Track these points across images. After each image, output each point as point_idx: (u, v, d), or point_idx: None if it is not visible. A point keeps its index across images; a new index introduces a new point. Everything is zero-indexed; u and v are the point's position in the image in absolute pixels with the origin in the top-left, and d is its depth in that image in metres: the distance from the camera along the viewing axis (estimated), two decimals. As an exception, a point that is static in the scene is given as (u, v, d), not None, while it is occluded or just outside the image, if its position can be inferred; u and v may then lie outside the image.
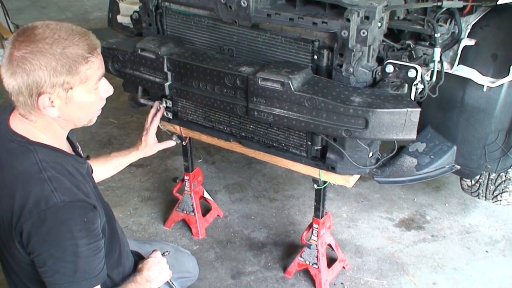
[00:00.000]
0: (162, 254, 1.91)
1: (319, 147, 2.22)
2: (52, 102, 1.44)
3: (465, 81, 2.28)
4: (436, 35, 2.15)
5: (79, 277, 1.47)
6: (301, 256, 2.66)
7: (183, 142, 2.78)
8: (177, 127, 2.65)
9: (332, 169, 2.22)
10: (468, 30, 2.29)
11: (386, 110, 1.87)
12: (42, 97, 1.43)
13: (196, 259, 2.34)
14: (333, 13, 2.03)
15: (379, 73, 2.11)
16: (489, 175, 2.74)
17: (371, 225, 3.16)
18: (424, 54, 2.25)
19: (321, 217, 2.55)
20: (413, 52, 2.26)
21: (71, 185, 1.47)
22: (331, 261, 2.73)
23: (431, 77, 2.22)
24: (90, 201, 1.49)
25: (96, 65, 1.48)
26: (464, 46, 2.27)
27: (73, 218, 1.43)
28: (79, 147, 1.75)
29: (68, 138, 1.65)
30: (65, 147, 1.62)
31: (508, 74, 2.15)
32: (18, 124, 1.52)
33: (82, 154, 1.74)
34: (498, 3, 2.09)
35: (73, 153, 1.66)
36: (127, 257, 1.89)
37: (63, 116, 1.50)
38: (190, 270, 2.23)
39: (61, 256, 1.44)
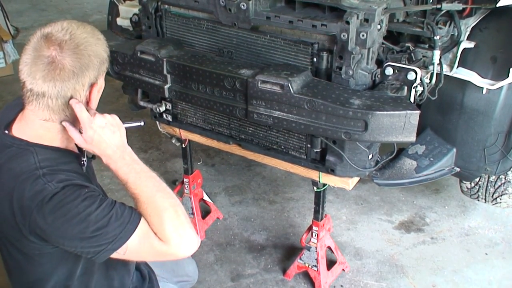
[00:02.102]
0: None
1: (318, 150, 2.22)
2: (96, 85, 1.52)
3: (465, 83, 2.28)
4: (435, 37, 2.15)
5: (114, 232, 1.44)
6: (300, 259, 2.66)
7: (183, 145, 2.78)
8: (177, 129, 2.65)
9: (331, 171, 2.22)
10: (468, 33, 2.29)
11: (385, 112, 1.87)
12: (94, 88, 1.51)
13: (195, 261, 2.33)
14: (332, 16, 2.03)
15: (379, 76, 2.12)
16: (488, 178, 2.74)
17: (371, 228, 3.15)
18: (423, 56, 2.26)
19: (321, 220, 2.55)
20: (412, 54, 2.26)
21: (67, 177, 1.46)
22: (330, 263, 2.73)
23: (431, 79, 2.22)
24: (83, 183, 1.47)
25: (103, 67, 1.56)
26: (464, 49, 2.27)
27: (72, 195, 1.42)
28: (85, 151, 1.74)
29: None
30: (74, 147, 1.62)
31: (508, 77, 2.15)
32: (19, 128, 1.52)
33: (87, 153, 1.72)
34: (498, 5, 2.09)
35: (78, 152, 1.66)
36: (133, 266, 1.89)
37: (95, 98, 1.55)
38: (190, 274, 2.23)
39: (83, 230, 1.41)
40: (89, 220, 1.41)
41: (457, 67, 2.29)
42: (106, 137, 1.52)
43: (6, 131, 1.55)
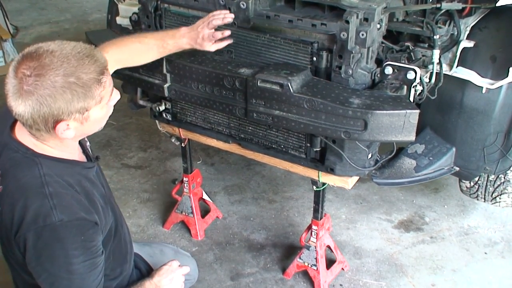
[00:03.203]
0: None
1: (318, 149, 2.22)
2: (68, 125, 1.43)
3: (464, 83, 2.28)
4: (435, 37, 2.15)
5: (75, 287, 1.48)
6: (300, 258, 2.66)
7: (182, 144, 2.78)
8: (176, 128, 2.65)
9: (331, 170, 2.23)
10: (467, 32, 2.29)
11: (385, 111, 1.87)
12: (59, 125, 1.41)
13: (195, 261, 2.34)
14: (332, 15, 2.04)
15: (378, 75, 2.12)
16: (488, 177, 2.74)
17: (370, 227, 3.16)
18: (423, 56, 2.26)
19: (320, 219, 2.55)
20: (412, 54, 2.26)
21: (73, 201, 1.47)
22: (330, 262, 2.73)
23: (430, 79, 2.22)
24: (90, 218, 1.49)
25: (108, 82, 1.47)
26: (463, 48, 2.27)
27: (69, 237, 1.44)
28: (89, 147, 1.74)
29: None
30: (76, 155, 1.61)
31: (507, 76, 2.15)
32: (24, 135, 1.50)
33: (91, 154, 1.73)
34: (497, 4, 2.09)
35: (83, 155, 1.66)
36: (131, 256, 1.90)
37: (78, 133, 1.49)
38: (190, 273, 2.23)
39: (55, 272, 1.46)
40: (68, 269, 1.45)
41: (456, 67, 2.29)
42: None
43: (12, 133, 1.53)
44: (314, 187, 2.44)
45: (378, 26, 2.04)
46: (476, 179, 2.77)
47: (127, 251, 1.83)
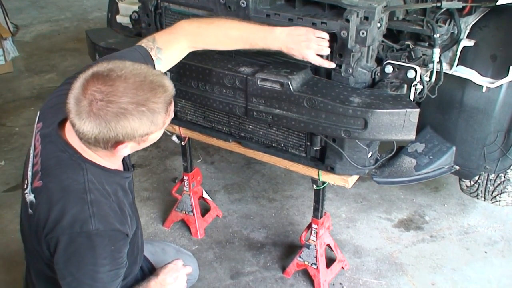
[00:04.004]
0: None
1: (318, 148, 2.22)
2: (126, 146, 1.46)
3: (464, 81, 2.28)
4: (435, 35, 2.15)
5: None
6: (300, 257, 2.66)
7: (182, 142, 2.78)
8: (176, 127, 2.65)
9: (331, 169, 2.23)
10: (467, 31, 2.29)
11: (385, 110, 1.87)
12: (119, 146, 1.45)
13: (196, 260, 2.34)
14: (332, 14, 2.03)
15: (378, 74, 2.12)
16: (488, 176, 2.74)
17: (370, 226, 3.16)
18: (423, 54, 2.26)
19: (320, 218, 2.55)
20: (412, 52, 2.26)
21: (110, 211, 1.49)
22: (330, 261, 2.73)
23: (430, 77, 2.22)
24: (122, 229, 1.51)
25: (172, 108, 1.49)
26: (463, 47, 2.27)
27: (101, 247, 1.46)
28: (128, 155, 1.75)
29: None
30: (118, 165, 1.63)
31: (507, 75, 2.15)
32: (74, 138, 1.50)
33: (129, 162, 1.76)
34: (498, 3, 2.09)
35: (121, 163, 1.67)
36: (141, 257, 1.92)
37: (132, 150, 1.52)
38: (191, 272, 2.24)
39: (80, 277, 1.48)
40: (94, 276, 1.48)
41: (456, 65, 2.29)
42: None
43: (60, 131, 1.53)
44: (314, 186, 2.44)
45: (379, 24, 2.03)
46: (476, 178, 2.77)
47: (138, 253, 1.84)
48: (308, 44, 1.92)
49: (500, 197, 2.80)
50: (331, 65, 1.99)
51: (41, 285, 1.72)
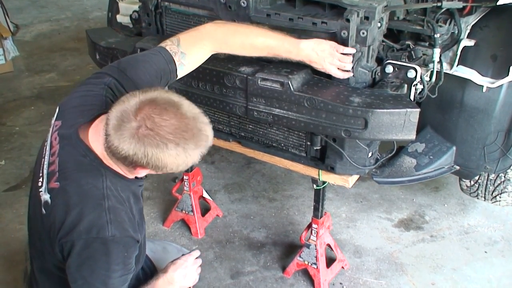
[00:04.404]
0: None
1: (318, 147, 2.22)
2: (146, 170, 1.50)
3: (465, 81, 2.28)
4: (435, 35, 2.15)
5: None
6: (300, 256, 2.66)
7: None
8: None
9: (331, 169, 2.23)
10: (468, 31, 2.29)
11: (385, 110, 1.87)
12: (140, 169, 1.49)
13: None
14: (332, 14, 2.03)
15: (379, 74, 2.12)
16: (488, 176, 2.74)
17: (370, 225, 3.16)
18: (423, 54, 2.26)
19: (320, 217, 2.55)
20: (412, 52, 2.26)
21: (125, 218, 1.51)
22: (330, 261, 2.73)
23: (431, 77, 2.22)
24: (135, 236, 1.53)
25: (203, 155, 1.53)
26: (464, 47, 2.27)
27: (115, 253, 1.48)
28: None
29: None
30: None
31: (508, 75, 2.15)
32: (97, 143, 1.52)
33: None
34: (498, 3, 2.09)
35: None
36: (143, 258, 1.92)
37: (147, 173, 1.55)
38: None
39: (92, 281, 1.49)
40: (105, 281, 1.49)
41: (457, 65, 2.29)
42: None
43: (81, 134, 1.53)
44: (314, 185, 2.44)
45: (379, 24, 2.03)
46: (477, 178, 2.77)
47: (141, 253, 1.84)
48: (331, 60, 1.96)
49: (500, 197, 2.80)
50: (349, 75, 2.02)
51: (44, 283, 1.72)
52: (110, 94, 1.63)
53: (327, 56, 1.95)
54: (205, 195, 3.12)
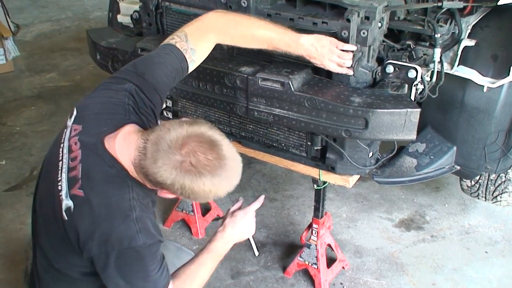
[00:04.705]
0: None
1: (319, 147, 2.22)
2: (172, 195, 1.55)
3: (465, 81, 2.28)
4: (436, 35, 2.15)
5: None
6: (300, 256, 2.66)
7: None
8: (177, 127, 2.64)
9: (331, 169, 2.22)
10: (468, 31, 2.28)
11: (386, 110, 1.87)
12: (166, 192, 1.54)
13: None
14: (333, 14, 2.03)
15: (379, 74, 2.11)
16: (488, 176, 2.74)
17: (371, 226, 3.15)
18: (424, 54, 2.25)
19: (321, 217, 2.55)
20: (413, 52, 2.25)
21: (150, 223, 1.55)
22: (330, 261, 2.73)
23: (431, 77, 2.22)
24: (161, 238, 1.58)
25: None
26: (464, 47, 2.26)
27: (148, 256, 1.53)
28: None
29: None
30: None
31: (508, 75, 2.15)
32: (124, 155, 1.53)
33: None
34: (499, 3, 2.09)
35: None
36: None
37: None
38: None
39: (132, 282, 1.55)
40: (145, 279, 1.55)
41: (457, 65, 2.29)
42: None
43: (106, 145, 1.54)
44: (315, 185, 2.44)
45: (379, 24, 2.03)
46: (477, 178, 2.77)
47: None
48: (331, 56, 1.95)
49: (501, 197, 2.80)
50: (349, 72, 2.01)
51: (49, 283, 1.72)
52: (131, 101, 1.65)
53: (326, 52, 1.94)
54: (206, 195, 3.11)
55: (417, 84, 2.11)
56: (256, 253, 2.14)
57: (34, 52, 5.76)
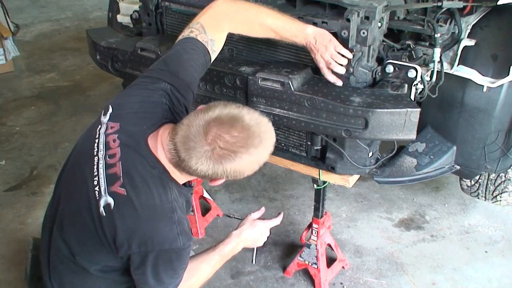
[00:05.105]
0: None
1: (318, 147, 2.22)
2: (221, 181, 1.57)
3: (465, 81, 2.28)
4: (436, 35, 2.15)
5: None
6: (300, 256, 2.66)
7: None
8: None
9: (331, 169, 2.22)
10: (468, 31, 2.29)
11: (386, 110, 1.87)
12: (216, 181, 1.58)
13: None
14: (333, 13, 2.03)
15: (379, 73, 2.11)
16: (488, 176, 2.74)
17: (371, 225, 3.16)
18: (424, 54, 2.25)
19: (321, 217, 2.55)
20: (413, 52, 2.26)
21: (186, 224, 1.60)
22: (330, 261, 2.73)
23: (431, 77, 2.22)
24: (192, 237, 1.65)
25: None
26: (464, 47, 2.27)
27: (185, 256, 1.62)
28: None
29: None
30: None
31: (508, 75, 2.15)
32: (163, 155, 1.56)
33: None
34: (498, 3, 2.09)
35: None
36: None
37: None
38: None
39: (164, 280, 1.61)
40: (173, 276, 1.63)
41: (457, 65, 2.29)
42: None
43: (149, 145, 1.56)
44: (315, 185, 2.44)
45: (379, 24, 2.03)
46: (477, 177, 2.77)
47: None
48: (323, 53, 1.95)
49: (500, 197, 2.80)
50: (337, 82, 2.01)
51: (66, 268, 1.71)
52: (168, 101, 1.67)
53: (321, 47, 1.95)
54: (206, 195, 3.12)
55: (417, 84, 2.11)
56: (254, 262, 2.18)
57: (34, 52, 5.76)
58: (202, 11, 1.88)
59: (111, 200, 1.52)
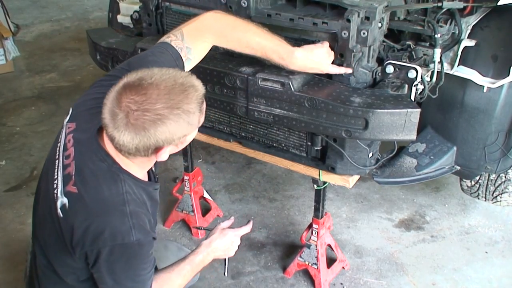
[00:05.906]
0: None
1: (319, 148, 2.22)
2: (165, 150, 1.48)
3: (465, 82, 2.28)
4: (436, 35, 2.15)
5: None
6: (300, 256, 2.66)
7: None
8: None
9: (332, 169, 2.22)
10: (469, 31, 2.29)
11: (386, 110, 1.87)
12: (160, 152, 1.47)
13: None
14: (333, 14, 2.04)
15: (379, 74, 2.11)
16: (488, 176, 2.74)
17: (371, 226, 3.16)
18: (424, 54, 2.25)
19: (321, 218, 2.55)
20: (413, 52, 2.26)
21: (145, 219, 1.54)
22: (330, 261, 2.73)
23: (431, 77, 2.22)
24: (154, 235, 1.58)
25: (204, 107, 1.54)
26: (464, 47, 2.27)
27: (141, 254, 1.54)
28: (154, 166, 1.77)
29: None
30: (145, 174, 1.66)
31: (508, 75, 2.15)
32: (112, 148, 1.52)
33: (154, 173, 1.79)
34: (498, 4, 2.09)
35: (146, 173, 1.70)
36: None
37: (170, 153, 1.54)
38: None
39: (122, 281, 1.56)
40: (134, 279, 1.56)
41: (457, 66, 2.29)
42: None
43: (99, 139, 1.54)
44: (315, 185, 2.44)
45: (380, 25, 2.03)
46: (477, 178, 2.77)
47: None
48: (330, 60, 1.97)
49: (501, 197, 2.80)
50: (348, 70, 2.01)
51: (48, 280, 1.72)
52: None
53: (324, 58, 1.95)
54: (206, 195, 3.12)
55: (417, 84, 2.11)
56: (226, 274, 2.15)
57: (34, 52, 5.76)
58: (190, 20, 1.87)
59: (65, 200, 1.51)
